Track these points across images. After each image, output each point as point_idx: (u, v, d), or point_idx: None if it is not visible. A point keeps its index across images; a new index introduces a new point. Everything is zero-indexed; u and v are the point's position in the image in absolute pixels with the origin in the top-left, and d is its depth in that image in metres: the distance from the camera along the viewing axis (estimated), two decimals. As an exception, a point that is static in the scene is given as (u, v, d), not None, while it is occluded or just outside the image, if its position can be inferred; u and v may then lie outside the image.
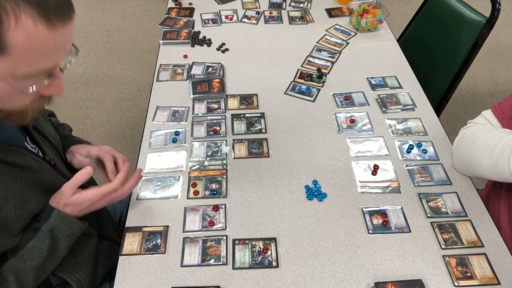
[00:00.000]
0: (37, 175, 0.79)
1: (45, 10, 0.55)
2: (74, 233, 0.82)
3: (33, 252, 0.76)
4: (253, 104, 1.27)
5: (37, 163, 0.79)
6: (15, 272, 0.74)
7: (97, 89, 2.56)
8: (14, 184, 0.74)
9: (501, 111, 0.99)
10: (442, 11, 1.54)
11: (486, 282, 0.84)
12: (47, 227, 0.77)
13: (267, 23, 1.64)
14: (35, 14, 0.54)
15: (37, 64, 0.59)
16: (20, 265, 0.75)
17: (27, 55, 0.57)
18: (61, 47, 0.60)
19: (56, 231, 0.78)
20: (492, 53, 2.80)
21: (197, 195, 1.02)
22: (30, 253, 0.76)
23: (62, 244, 0.80)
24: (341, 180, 1.05)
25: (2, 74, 0.58)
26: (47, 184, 0.81)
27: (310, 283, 0.85)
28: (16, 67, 0.57)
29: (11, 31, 0.53)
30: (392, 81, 1.34)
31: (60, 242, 0.80)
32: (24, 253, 0.75)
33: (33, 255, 0.76)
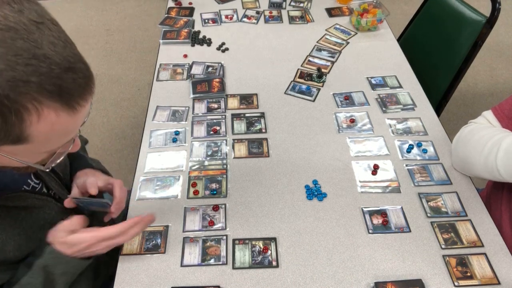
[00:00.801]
0: (41, 212, 0.77)
1: (67, 99, 0.52)
2: (71, 270, 0.77)
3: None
4: (253, 104, 1.27)
5: (40, 202, 0.77)
6: None
7: (97, 89, 2.51)
8: (14, 225, 0.71)
9: (501, 111, 0.99)
10: (442, 11, 1.54)
11: (486, 282, 0.84)
12: (40, 264, 0.73)
13: (267, 22, 1.64)
14: (58, 106, 0.51)
15: (58, 143, 0.59)
16: None
17: (49, 140, 0.55)
18: (81, 122, 0.59)
19: (51, 267, 0.74)
20: (492, 53, 2.80)
21: (197, 195, 1.02)
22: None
23: (59, 282, 0.75)
24: (341, 180, 1.05)
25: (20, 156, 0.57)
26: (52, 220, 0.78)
27: (310, 283, 0.85)
28: (36, 149, 0.56)
29: (33, 126, 0.51)
30: (392, 80, 1.34)
31: (56, 279, 0.75)
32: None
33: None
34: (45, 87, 0.49)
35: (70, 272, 0.77)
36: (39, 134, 0.52)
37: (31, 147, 0.54)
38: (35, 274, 0.73)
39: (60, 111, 0.51)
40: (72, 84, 0.52)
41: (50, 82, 0.49)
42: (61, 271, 0.75)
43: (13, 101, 0.47)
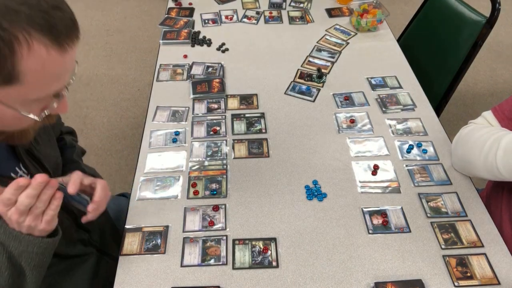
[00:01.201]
0: None
1: (57, 35, 0.54)
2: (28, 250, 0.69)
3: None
4: (253, 104, 1.27)
5: None
6: None
7: (97, 89, 2.56)
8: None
9: (501, 112, 0.99)
10: (442, 11, 1.54)
11: (486, 282, 0.84)
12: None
13: (267, 23, 1.64)
14: (47, 42, 0.53)
15: (48, 88, 0.59)
16: None
17: (39, 82, 0.56)
18: (69, 68, 0.60)
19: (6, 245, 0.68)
20: (492, 53, 2.80)
21: (197, 195, 1.02)
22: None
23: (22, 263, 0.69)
24: (341, 180, 1.05)
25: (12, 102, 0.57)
26: None
27: (310, 283, 0.85)
28: (27, 94, 0.57)
29: (24, 61, 0.52)
30: (392, 81, 1.34)
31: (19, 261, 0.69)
32: None
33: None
34: (35, 19, 0.52)
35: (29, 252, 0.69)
36: (30, 73, 0.53)
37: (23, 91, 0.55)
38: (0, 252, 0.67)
39: (49, 48, 0.53)
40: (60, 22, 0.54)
41: (39, 15, 0.52)
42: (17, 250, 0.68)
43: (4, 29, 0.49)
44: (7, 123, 0.62)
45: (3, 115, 0.59)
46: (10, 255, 0.68)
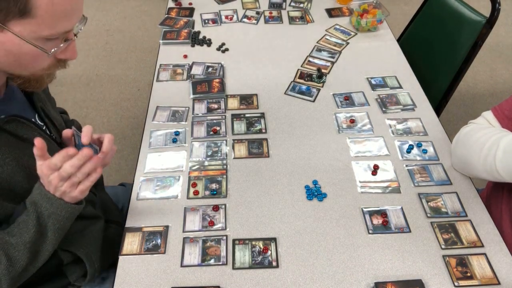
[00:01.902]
0: None
1: None
2: (57, 212, 0.75)
3: (22, 227, 0.74)
4: (253, 104, 1.27)
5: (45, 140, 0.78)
6: (3, 246, 0.73)
7: (97, 89, 2.56)
8: (23, 158, 0.76)
9: (501, 111, 0.99)
10: (442, 11, 1.54)
11: (486, 282, 0.84)
12: (29, 200, 0.75)
13: (267, 23, 1.64)
14: None
15: (57, 27, 0.65)
16: (7, 239, 0.73)
17: (49, 18, 0.63)
18: (76, 11, 0.68)
19: (39, 206, 0.74)
20: (492, 53, 2.80)
21: (197, 195, 1.02)
22: (20, 227, 0.74)
23: (50, 225, 0.76)
24: (341, 180, 1.05)
25: (27, 35, 0.64)
26: None
27: (310, 283, 0.85)
28: (39, 29, 0.63)
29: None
30: (392, 81, 1.34)
31: (46, 222, 0.75)
32: (14, 227, 0.74)
33: (21, 229, 0.74)
34: None
35: (57, 214, 0.76)
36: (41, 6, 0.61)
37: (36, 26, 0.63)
38: (28, 212, 0.75)
39: None
40: None
41: None
42: (48, 211, 0.75)
43: None
44: (24, 60, 0.68)
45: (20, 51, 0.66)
46: (40, 214, 0.74)
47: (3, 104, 0.77)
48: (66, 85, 2.56)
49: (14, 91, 0.81)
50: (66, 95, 2.49)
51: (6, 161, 0.73)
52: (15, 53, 0.66)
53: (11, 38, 0.63)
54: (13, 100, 0.80)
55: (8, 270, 0.73)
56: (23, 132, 0.77)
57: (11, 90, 0.80)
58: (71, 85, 2.57)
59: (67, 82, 2.59)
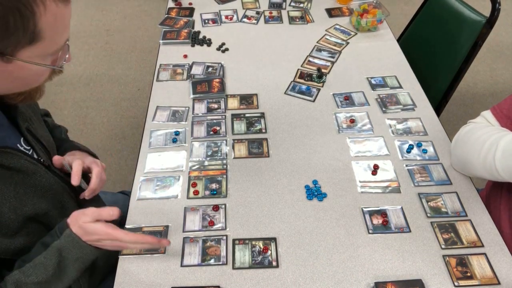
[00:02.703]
0: (33, 178, 0.79)
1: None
2: (84, 257, 0.77)
3: (39, 268, 0.74)
4: (253, 104, 1.27)
5: (32, 166, 0.78)
6: (17, 285, 0.73)
7: (97, 89, 2.56)
8: (9, 187, 0.74)
9: (500, 111, 0.99)
10: (442, 11, 1.54)
11: (486, 282, 0.84)
12: (57, 245, 0.75)
13: (267, 23, 1.64)
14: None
15: (60, 40, 0.66)
16: (22, 279, 0.73)
17: (55, 34, 0.63)
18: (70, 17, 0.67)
19: (65, 251, 0.75)
20: (492, 53, 2.80)
21: (197, 195, 1.02)
22: (36, 268, 0.74)
23: (71, 267, 0.77)
24: (341, 180, 1.05)
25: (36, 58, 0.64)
26: (44, 187, 0.81)
27: (310, 283, 0.85)
28: (47, 49, 0.64)
29: (42, 18, 0.59)
30: (392, 81, 1.34)
31: (69, 264, 0.76)
32: (30, 267, 0.74)
33: (38, 270, 0.74)
34: None
35: (82, 258, 0.78)
36: (47, 27, 0.61)
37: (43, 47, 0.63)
38: (50, 255, 0.75)
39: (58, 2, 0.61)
40: None
41: None
42: (75, 256, 0.76)
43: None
44: (30, 80, 0.69)
45: (28, 74, 0.66)
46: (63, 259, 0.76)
47: None
48: (66, 85, 2.56)
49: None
50: (66, 95, 2.49)
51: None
52: (22, 77, 0.66)
53: (20, 65, 0.63)
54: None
55: None
56: (9, 162, 0.74)
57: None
58: (71, 85, 2.57)
59: (67, 82, 2.59)
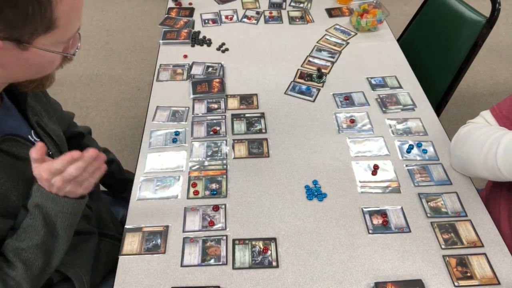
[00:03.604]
0: None
1: None
2: (64, 210, 0.76)
3: (29, 231, 0.74)
4: (253, 104, 1.27)
5: None
6: (15, 252, 0.74)
7: (97, 89, 2.56)
8: (18, 176, 0.75)
9: (499, 111, 0.99)
10: (442, 11, 1.54)
11: (486, 282, 0.84)
12: (32, 203, 0.74)
13: (267, 23, 1.64)
14: None
15: (73, 28, 0.67)
16: (17, 244, 0.74)
17: (69, 22, 0.64)
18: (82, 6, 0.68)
19: (43, 207, 0.74)
20: (492, 53, 2.80)
21: (197, 195, 1.02)
22: (26, 231, 0.74)
23: (58, 223, 0.76)
24: (341, 180, 1.05)
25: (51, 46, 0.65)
26: None
27: (310, 283, 0.85)
28: (62, 36, 0.65)
29: (58, 7, 0.61)
30: (392, 81, 1.34)
31: (53, 220, 0.76)
32: (21, 233, 0.75)
33: (30, 233, 0.74)
34: None
35: (64, 212, 0.76)
36: (63, 16, 0.62)
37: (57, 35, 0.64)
38: (33, 214, 0.74)
39: None
40: None
41: None
42: (54, 211, 0.75)
43: None
44: (43, 67, 0.70)
45: (42, 61, 0.67)
46: (46, 215, 0.74)
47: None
48: (66, 85, 2.56)
49: (9, 108, 0.80)
50: (66, 95, 2.49)
51: (1, 182, 0.72)
52: (38, 64, 0.68)
53: (35, 53, 0.64)
54: (8, 117, 0.78)
55: (27, 274, 0.74)
56: (19, 151, 0.75)
57: (6, 107, 0.79)
58: (71, 85, 2.57)
59: (67, 82, 2.59)
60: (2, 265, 0.73)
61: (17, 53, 0.63)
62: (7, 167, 0.73)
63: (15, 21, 0.58)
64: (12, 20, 0.58)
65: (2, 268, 0.73)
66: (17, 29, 0.59)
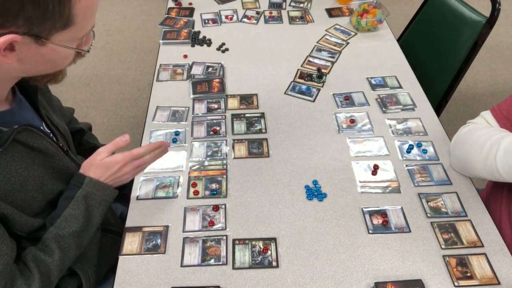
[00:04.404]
0: (52, 160, 0.83)
1: None
2: (106, 199, 0.86)
3: (70, 220, 0.80)
4: (253, 104, 1.27)
5: (53, 148, 0.82)
6: (56, 239, 0.79)
7: (97, 89, 2.56)
8: (33, 167, 0.77)
9: (499, 112, 0.99)
10: (442, 11, 1.54)
11: (486, 282, 0.84)
12: (81, 194, 0.82)
13: (267, 23, 1.64)
14: None
15: (89, 25, 0.69)
16: (59, 232, 0.79)
17: (85, 21, 0.66)
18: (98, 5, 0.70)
19: (90, 197, 0.83)
20: (492, 53, 2.80)
21: (197, 195, 1.02)
22: (67, 220, 0.80)
23: (96, 211, 0.84)
24: (341, 180, 1.05)
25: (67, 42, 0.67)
26: (62, 170, 0.85)
27: (310, 283, 0.85)
28: (78, 33, 0.67)
29: (76, 5, 0.62)
30: (392, 81, 1.34)
31: (94, 209, 0.84)
32: (61, 221, 0.79)
33: (70, 222, 0.80)
34: None
35: (105, 200, 0.86)
36: (80, 13, 0.64)
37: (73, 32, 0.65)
38: (77, 204, 0.81)
39: None
40: None
41: None
42: (99, 199, 0.84)
43: None
44: (58, 63, 0.72)
45: (58, 57, 0.69)
46: (89, 206, 0.83)
47: (13, 114, 0.78)
48: (66, 85, 2.56)
49: (21, 101, 0.83)
50: (66, 95, 2.49)
51: (19, 172, 0.75)
52: (53, 60, 0.69)
53: (52, 49, 0.66)
54: (22, 109, 0.81)
55: (62, 261, 0.79)
56: (33, 142, 0.78)
57: (19, 100, 0.82)
58: (71, 85, 2.57)
59: (67, 82, 2.58)
60: (39, 253, 0.77)
61: (34, 48, 0.64)
62: (23, 157, 0.76)
63: (35, 17, 0.59)
64: (32, 16, 0.59)
65: (38, 257, 0.77)
66: (37, 25, 0.61)
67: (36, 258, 0.76)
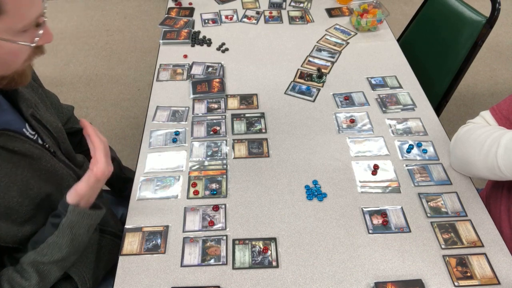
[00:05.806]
0: (39, 162, 0.80)
1: None
2: (93, 223, 0.82)
3: (53, 247, 0.77)
4: (253, 104, 1.27)
5: (37, 151, 0.80)
6: (34, 264, 0.75)
7: (97, 89, 2.56)
8: (15, 172, 0.75)
9: (499, 111, 0.99)
10: (442, 11, 1.54)
11: (486, 282, 0.84)
12: (66, 224, 0.77)
13: (267, 23, 1.64)
14: None
15: (28, 15, 0.63)
16: (38, 258, 0.76)
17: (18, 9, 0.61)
18: None
19: (76, 227, 0.78)
20: (492, 53, 2.80)
21: (197, 195, 1.02)
22: (50, 248, 0.76)
23: (84, 236, 0.81)
24: (341, 180, 1.05)
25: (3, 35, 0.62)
26: (50, 172, 0.83)
27: (310, 283, 0.85)
28: (13, 24, 0.62)
29: None
30: (392, 81, 1.34)
31: (81, 235, 0.80)
32: (44, 248, 0.76)
33: (52, 250, 0.77)
34: None
35: (93, 225, 0.82)
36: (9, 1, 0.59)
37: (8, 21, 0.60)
38: (62, 233, 0.77)
39: None
40: None
41: None
42: (86, 227, 0.80)
43: None
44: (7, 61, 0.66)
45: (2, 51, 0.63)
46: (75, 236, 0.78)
47: None
48: (66, 85, 2.56)
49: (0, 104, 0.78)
50: (66, 95, 2.49)
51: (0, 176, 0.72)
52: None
53: None
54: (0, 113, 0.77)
55: (41, 284, 0.76)
56: (14, 146, 0.75)
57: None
58: (71, 85, 2.57)
59: (67, 82, 2.59)
60: (15, 275, 0.74)
61: None
62: (4, 162, 0.73)
63: None
64: None
65: (14, 279, 0.74)
66: None
67: (12, 280, 0.74)
